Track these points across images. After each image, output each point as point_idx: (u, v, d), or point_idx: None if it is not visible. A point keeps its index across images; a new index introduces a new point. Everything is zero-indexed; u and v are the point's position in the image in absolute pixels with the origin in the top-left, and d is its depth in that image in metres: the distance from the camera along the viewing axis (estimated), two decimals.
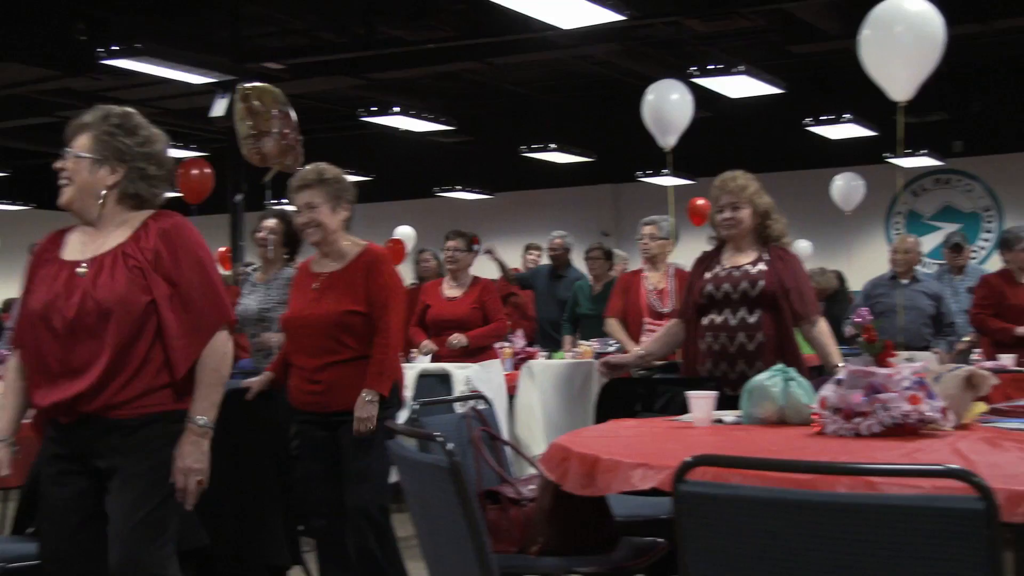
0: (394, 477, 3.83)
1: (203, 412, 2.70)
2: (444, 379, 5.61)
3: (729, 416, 2.98)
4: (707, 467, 1.83)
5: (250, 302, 4.98)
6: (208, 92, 10.30)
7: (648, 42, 11.32)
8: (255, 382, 3.92)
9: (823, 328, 3.92)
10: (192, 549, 3.20)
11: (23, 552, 3.08)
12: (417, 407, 3.26)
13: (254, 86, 5.25)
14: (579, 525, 2.79)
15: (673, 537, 2.97)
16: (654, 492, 2.25)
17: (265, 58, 10.90)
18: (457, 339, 5.70)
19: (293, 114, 5.33)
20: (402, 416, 4.09)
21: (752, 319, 3.81)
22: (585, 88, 14.80)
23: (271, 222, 5.05)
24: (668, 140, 8.45)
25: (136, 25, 10.22)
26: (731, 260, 3.93)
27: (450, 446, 2.15)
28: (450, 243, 5.94)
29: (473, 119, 14.75)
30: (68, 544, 2.72)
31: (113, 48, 9.02)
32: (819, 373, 3.66)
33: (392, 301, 3.72)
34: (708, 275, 3.93)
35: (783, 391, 2.84)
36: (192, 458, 2.67)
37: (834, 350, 3.90)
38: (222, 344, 2.75)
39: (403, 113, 11.80)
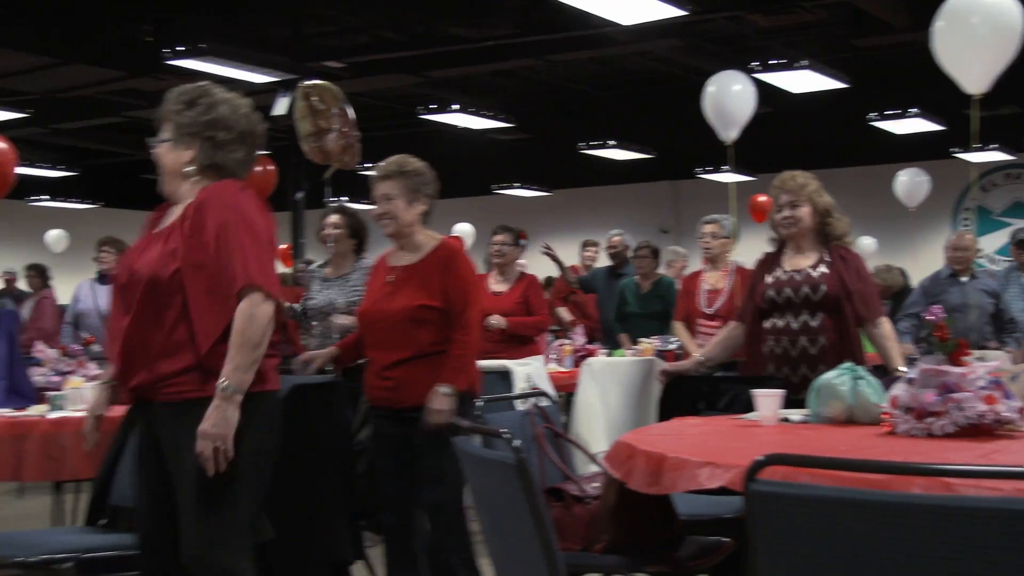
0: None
1: (226, 375, 2.58)
2: (504, 376, 5.60)
3: (796, 415, 2.94)
4: (778, 466, 1.80)
5: (330, 296, 5.02)
6: (270, 91, 10.40)
7: (708, 37, 11.22)
8: (319, 355, 3.90)
9: (887, 329, 3.85)
10: (257, 542, 3.23)
11: (96, 543, 3.13)
12: (480, 404, 3.25)
13: (315, 84, 5.29)
14: (643, 523, 2.77)
15: (739, 536, 2.97)
16: (719, 491, 2.23)
17: (325, 57, 10.99)
18: (497, 320, 5.69)
19: (351, 112, 5.36)
20: None
21: (814, 322, 3.76)
22: (644, 84, 14.71)
23: (334, 218, 5.12)
24: (730, 134, 8.32)
25: (200, 26, 10.37)
26: (792, 263, 3.88)
27: (517, 442, 2.15)
28: (497, 237, 5.95)
29: (531, 116, 14.74)
30: (149, 532, 2.74)
31: (178, 49, 9.17)
32: (883, 373, 3.60)
33: (472, 297, 3.67)
34: (769, 279, 3.88)
35: (852, 390, 2.79)
36: (210, 422, 2.56)
37: (896, 353, 3.83)
38: (249, 306, 2.61)
39: (462, 111, 11.83)
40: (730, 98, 8.34)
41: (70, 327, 6.96)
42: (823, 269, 3.81)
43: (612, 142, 13.93)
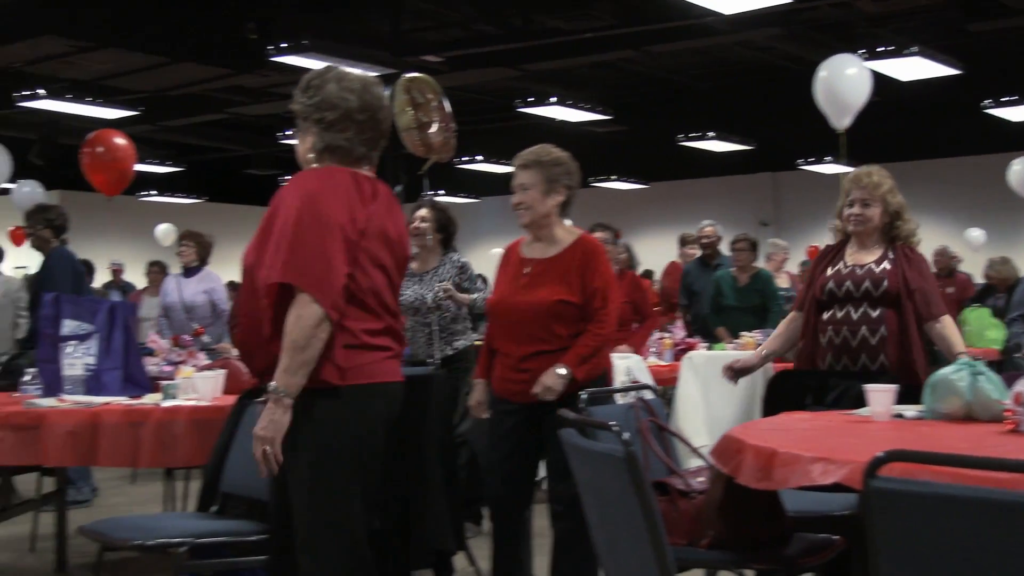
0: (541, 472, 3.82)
1: (275, 377, 2.53)
2: None
3: (910, 411, 2.86)
4: (897, 463, 1.74)
5: (419, 292, 5.07)
6: None
7: (813, 25, 10.98)
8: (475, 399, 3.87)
9: (948, 324, 3.73)
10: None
11: (209, 529, 3.20)
12: (584, 396, 3.23)
13: (415, 77, 5.32)
14: (751, 519, 2.72)
15: (849, 535, 2.89)
16: (829, 488, 2.17)
17: (424, 51, 11.08)
18: (621, 349, 5.63)
19: (448, 105, 5.38)
20: None
21: (875, 314, 3.68)
22: (744, 75, 14.49)
23: (424, 212, 5.16)
24: (843, 121, 7.96)
25: (301, 22, 10.55)
26: (855, 257, 3.80)
27: (626, 435, 2.13)
28: (598, 235, 5.89)
29: (629, 108, 14.65)
30: (278, 516, 2.78)
31: (282, 45, 9.34)
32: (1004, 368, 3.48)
33: (611, 292, 3.63)
34: (830, 271, 3.79)
35: (970, 385, 2.70)
36: (260, 424, 2.53)
37: (958, 340, 3.73)
38: (298, 307, 2.52)
39: (559, 103, 11.81)
40: (843, 83, 7.96)
41: (164, 320, 7.18)
42: (886, 266, 3.73)
43: (711, 134, 13.76)
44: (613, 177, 16.05)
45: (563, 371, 3.52)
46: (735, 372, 3.95)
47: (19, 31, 10.27)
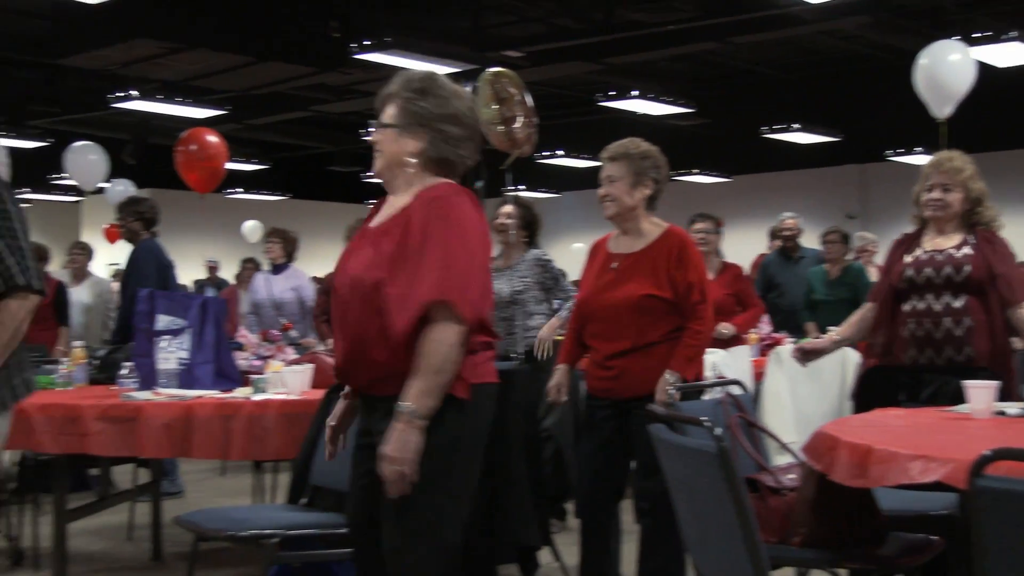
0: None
1: (411, 398, 2.43)
2: None
3: (1013, 408, 2.77)
4: (1004, 462, 1.68)
5: (498, 286, 5.08)
6: None
7: (902, 12, 10.71)
8: (552, 392, 3.84)
9: None
10: None
11: (299, 521, 3.25)
12: (673, 392, 3.19)
13: (500, 72, 5.32)
14: (844, 517, 2.67)
15: (948, 535, 2.82)
16: (926, 487, 2.11)
17: (505, 46, 11.10)
18: (727, 328, 5.55)
19: (530, 100, 5.37)
20: None
21: (957, 303, 3.53)
22: (830, 64, 14.22)
23: (509, 208, 5.18)
24: (944, 110, 7.64)
25: (384, 20, 10.65)
26: (933, 243, 3.66)
27: (718, 431, 2.10)
28: (698, 225, 5.80)
29: (712, 101, 14.48)
30: (357, 517, 2.80)
31: (364, 43, 9.43)
32: None
33: (706, 287, 3.59)
34: (908, 258, 3.66)
35: None
36: (392, 446, 2.43)
37: None
38: (439, 331, 2.44)
39: (641, 97, 11.73)
40: (946, 71, 7.63)
41: (253, 316, 7.28)
42: (967, 250, 3.59)
43: (796, 125, 13.52)
44: (695, 171, 15.88)
45: (674, 378, 3.50)
46: (805, 354, 3.88)
47: (114, 35, 10.56)
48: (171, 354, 4.15)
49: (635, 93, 11.68)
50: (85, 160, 10.43)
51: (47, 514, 4.87)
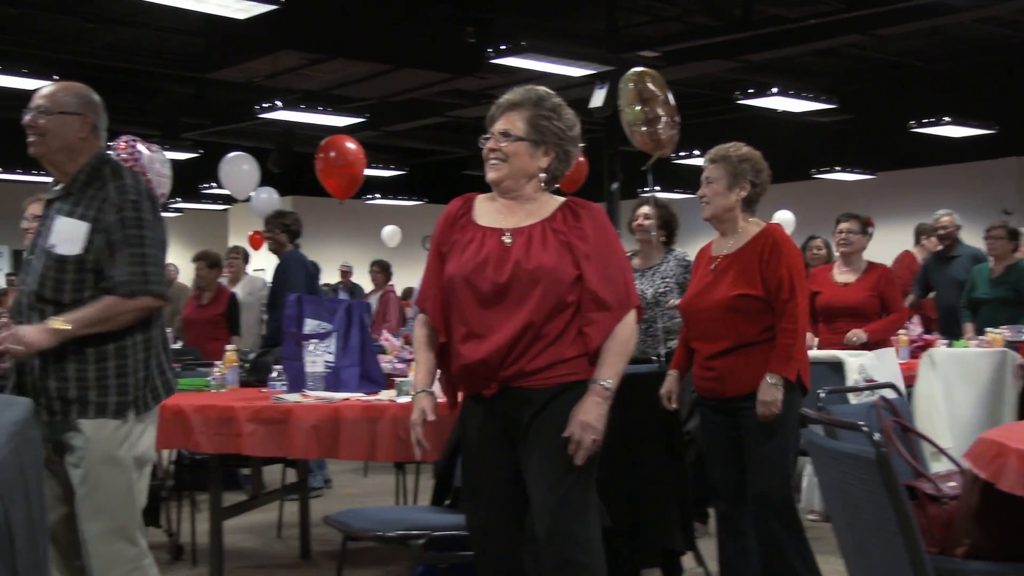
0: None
1: (609, 375, 2.76)
2: (835, 367, 5.34)
3: None
4: None
5: (640, 288, 5.04)
6: (584, 84, 10.55)
7: None
8: (671, 392, 3.88)
9: None
10: None
11: (444, 522, 3.28)
12: (823, 395, 3.10)
13: (643, 71, 5.26)
14: (1013, 529, 2.53)
15: None
16: None
17: (640, 47, 11.00)
18: (856, 335, 5.38)
19: (672, 99, 5.31)
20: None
21: None
22: (984, 53, 13.60)
23: (647, 208, 5.16)
24: None
25: (518, 24, 10.70)
26: None
27: (877, 436, 2.01)
28: (843, 225, 5.64)
29: (855, 96, 14.02)
30: (494, 515, 2.83)
31: (501, 48, 9.48)
32: None
33: (797, 284, 3.56)
34: None
35: None
36: (592, 415, 2.71)
37: None
38: (631, 322, 2.83)
39: (781, 94, 11.45)
40: None
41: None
42: None
43: (947, 118, 12.96)
44: (837, 168, 15.42)
45: (774, 380, 3.48)
46: None
47: (260, 48, 10.91)
48: (318, 357, 4.25)
49: (775, 90, 11.41)
50: (238, 170, 10.80)
51: (202, 511, 5.06)
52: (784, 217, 13.29)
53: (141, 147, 5.13)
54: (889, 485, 1.99)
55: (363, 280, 13.62)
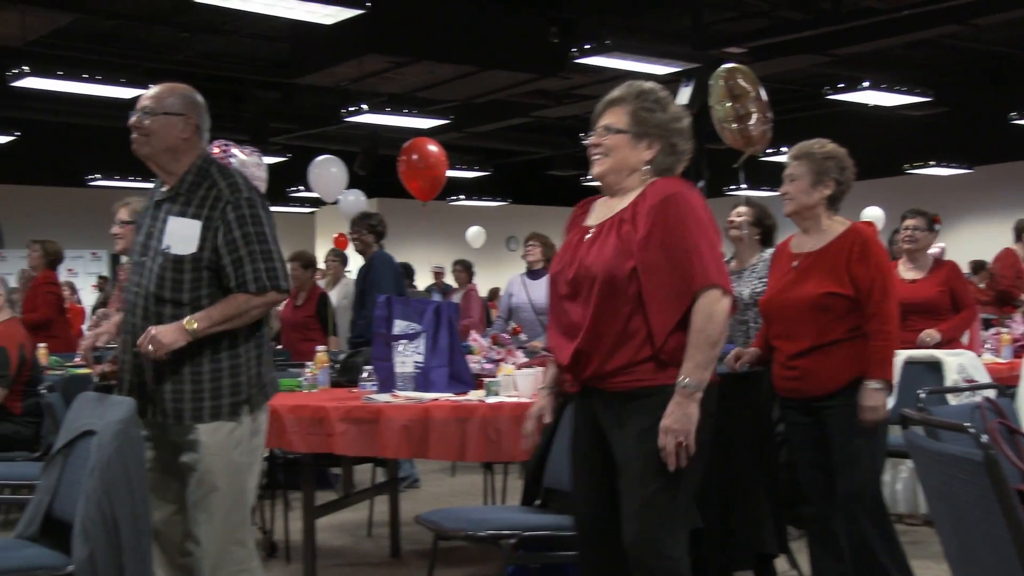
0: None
1: (687, 372, 2.65)
2: (933, 367, 5.21)
3: None
4: None
5: (737, 289, 4.97)
6: (670, 82, 10.46)
7: None
8: (745, 354, 3.85)
9: None
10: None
11: (534, 522, 3.27)
12: (924, 395, 3.01)
13: (734, 67, 5.20)
14: None
15: None
16: None
17: (726, 43, 10.87)
18: (930, 336, 5.27)
19: (765, 95, 5.23)
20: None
21: None
22: None
23: (741, 208, 5.11)
24: None
25: (602, 23, 10.65)
26: None
27: (984, 438, 1.95)
28: (909, 221, 5.57)
29: (951, 88, 13.64)
30: (592, 511, 2.82)
31: (585, 47, 9.45)
32: None
33: (888, 284, 3.49)
34: None
35: None
36: (672, 417, 2.63)
37: None
38: (708, 304, 2.67)
39: (873, 88, 11.21)
40: None
41: (503, 321, 7.25)
42: None
43: None
44: (931, 162, 15.04)
45: (876, 385, 3.43)
46: None
47: (346, 53, 11.06)
48: (408, 358, 4.28)
49: (866, 84, 11.18)
50: (327, 173, 10.95)
51: (294, 509, 5.14)
52: (873, 214, 13.00)
53: (236, 150, 5.23)
54: (998, 489, 1.92)
55: (450, 280, 13.73)
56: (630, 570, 2.72)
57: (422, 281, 14.62)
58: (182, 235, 2.98)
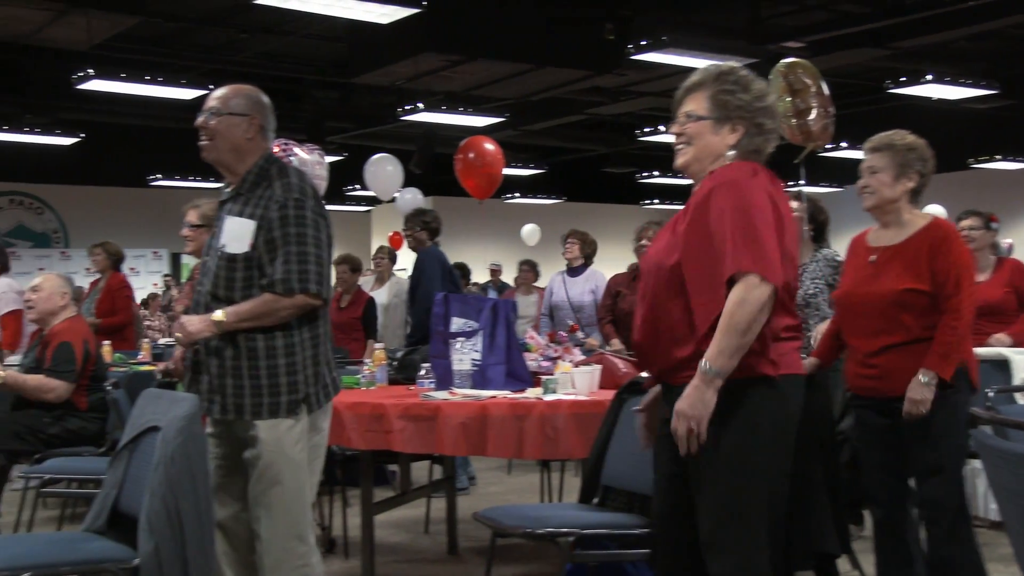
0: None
1: (709, 357, 2.49)
2: (1000, 365, 5.10)
3: None
4: None
5: None
6: None
7: None
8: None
9: None
10: None
11: (593, 521, 3.26)
12: (992, 395, 2.95)
13: (794, 62, 5.13)
14: None
15: None
16: None
17: (784, 37, 10.74)
18: (999, 341, 5.15)
19: (827, 89, 5.15)
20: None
21: None
22: None
23: (794, 204, 4.99)
24: None
25: (659, 19, 10.58)
26: None
27: None
28: (965, 222, 5.48)
29: (1018, 80, 13.34)
30: (666, 508, 2.78)
31: (641, 43, 9.40)
32: None
33: (964, 280, 3.38)
34: None
35: None
36: (687, 401, 2.52)
37: None
38: (742, 290, 2.49)
39: (936, 81, 11.00)
40: None
41: (547, 319, 7.27)
42: None
43: None
44: (998, 157, 14.73)
45: (926, 378, 3.32)
46: None
47: (403, 51, 11.12)
48: (465, 355, 4.29)
49: (929, 77, 10.97)
50: (383, 171, 11.02)
51: (352, 505, 5.18)
52: (935, 211, 12.77)
53: (297, 149, 5.28)
54: None
55: (507, 278, 13.76)
56: (705, 565, 2.67)
57: (476, 278, 14.67)
58: (237, 234, 3.02)
